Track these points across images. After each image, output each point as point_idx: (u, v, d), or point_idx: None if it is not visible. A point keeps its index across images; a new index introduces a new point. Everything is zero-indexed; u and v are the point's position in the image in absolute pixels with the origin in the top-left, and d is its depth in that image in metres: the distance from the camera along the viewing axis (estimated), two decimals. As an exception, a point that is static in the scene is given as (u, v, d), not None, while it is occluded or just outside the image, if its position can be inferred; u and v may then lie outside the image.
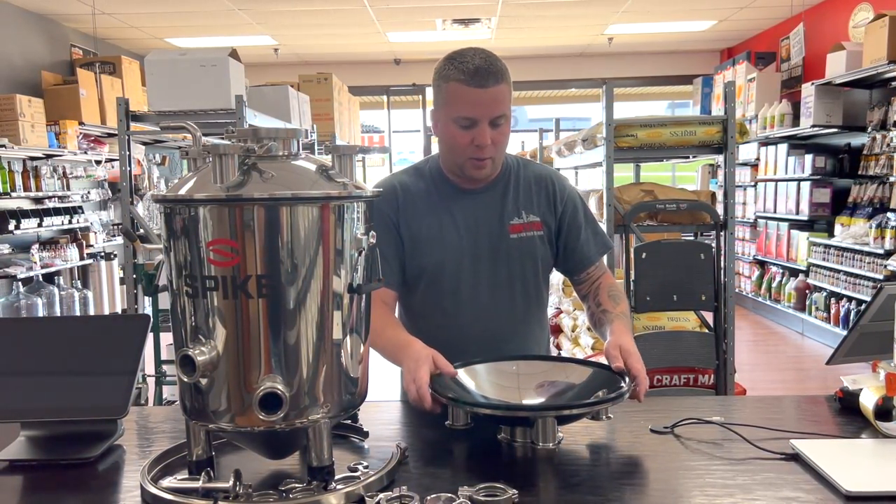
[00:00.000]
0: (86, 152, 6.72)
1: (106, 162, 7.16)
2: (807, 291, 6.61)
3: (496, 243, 1.70)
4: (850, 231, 5.89)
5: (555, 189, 1.75)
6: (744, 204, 8.08)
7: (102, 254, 7.02)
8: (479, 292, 1.70)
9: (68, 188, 6.67)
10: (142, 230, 3.80)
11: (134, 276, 3.63)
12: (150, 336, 3.42)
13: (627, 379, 1.42)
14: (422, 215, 1.70)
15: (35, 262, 6.00)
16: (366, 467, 1.25)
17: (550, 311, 4.59)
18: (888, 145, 5.56)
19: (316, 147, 5.51)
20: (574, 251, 1.76)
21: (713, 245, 3.27)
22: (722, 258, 3.27)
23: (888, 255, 5.31)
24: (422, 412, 1.41)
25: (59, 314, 5.97)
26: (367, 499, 1.14)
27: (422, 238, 1.69)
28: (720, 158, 3.43)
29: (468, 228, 1.70)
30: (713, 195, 3.44)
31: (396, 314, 1.81)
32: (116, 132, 3.82)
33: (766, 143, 7.52)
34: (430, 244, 1.69)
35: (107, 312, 6.85)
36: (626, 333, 1.59)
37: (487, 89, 1.55)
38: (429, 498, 1.13)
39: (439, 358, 1.46)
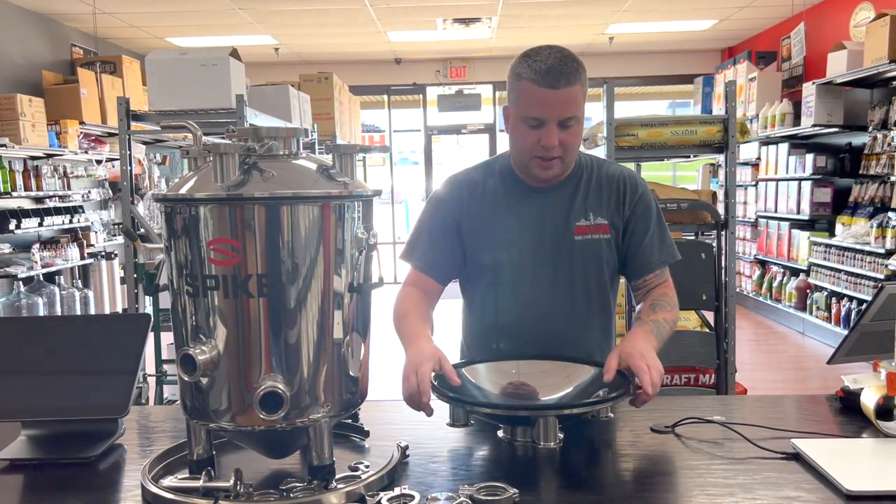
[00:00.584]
0: (86, 152, 6.72)
1: (106, 161, 7.16)
2: (808, 291, 6.60)
3: (559, 244, 1.66)
4: (851, 230, 5.88)
5: (626, 190, 1.69)
6: (744, 203, 8.07)
7: (103, 253, 7.02)
8: (538, 292, 1.66)
9: (69, 188, 6.67)
10: (142, 230, 3.80)
11: (135, 275, 3.63)
12: (151, 335, 3.43)
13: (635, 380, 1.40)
14: (487, 213, 1.68)
15: (36, 262, 6.00)
16: (366, 466, 1.25)
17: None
18: (889, 145, 5.56)
19: (316, 146, 5.51)
20: (634, 255, 1.69)
21: (714, 244, 3.26)
22: (723, 258, 3.26)
23: (889, 254, 5.30)
24: (418, 410, 1.39)
25: (59, 314, 5.96)
26: (367, 498, 1.14)
27: (484, 235, 1.67)
28: (721, 158, 3.43)
29: (533, 227, 1.66)
30: (714, 195, 3.44)
31: (461, 307, 1.79)
32: (117, 132, 3.82)
33: (766, 142, 7.51)
34: (493, 242, 1.67)
35: (107, 312, 6.85)
36: (639, 338, 1.52)
37: (558, 90, 1.52)
38: (429, 497, 1.13)
39: (446, 362, 1.43)
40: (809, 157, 6.61)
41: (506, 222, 1.67)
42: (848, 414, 1.52)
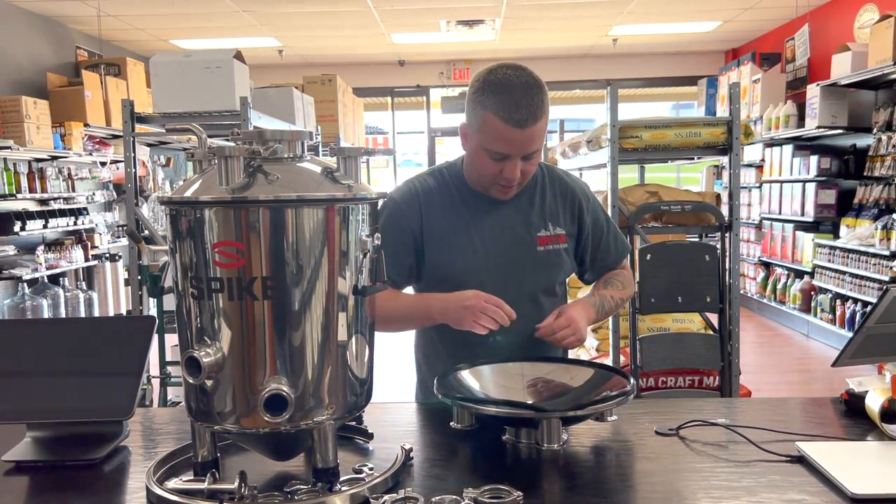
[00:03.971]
0: (91, 154, 6.74)
1: (111, 163, 7.18)
2: (812, 293, 6.59)
3: (523, 255, 1.69)
4: (856, 232, 5.87)
5: (581, 202, 1.76)
6: (749, 205, 8.06)
7: (107, 255, 7.04)
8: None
9: (73, 189, 6.69)
10: (146, 232, 3.81)
11: (139, 277, 3.64)
12: (156, 337, 3.42)
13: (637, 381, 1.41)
14: (447, 225, 1.68)
15: (40, 264, 6.01)
16: (371, 469, 1.25)
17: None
18: (894, 146, 5.54)
19: (320, 149, 5.51)
20: (594, 260, 1.80)
21: (718, 246, 3.26)
22: (727, 260, 3.26)
23: (894, 256, 5.29)
24: (433, 409, 1.40)
25: (64, 315, 5.98)
26: (371, 500, 1.14)
27: (446, 245, 1.67)
28: (725, 160, 3.42)
29: (494, 239, 1.68)
30: (718, 196, 3.43)
31: None
32: (121, 134, 3.83)
33: (771, 144, 7.50)
34: (456, 254, 1.67)
35: (112, 314, 6.87)
36: (579, 305, 1.65)
37: (525, 129, 1.51)
38: (433, 500, 1.13)
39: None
40: (814, 159, 6.60)
41: (468, 234, 1.67)
42: (853, 416, 1.51)
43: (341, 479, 1.19)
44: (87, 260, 6.68)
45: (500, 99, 1.50)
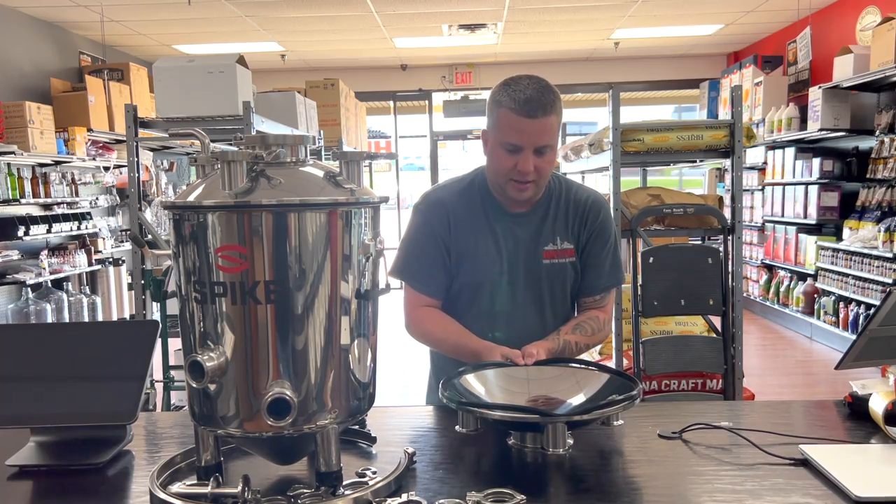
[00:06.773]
0: (94, 159, 6.75)
1: (114, 168, 7.19)
2: (815, 295, 6.58)
3: (530, 266, 1.78)
4: (859, 235, 5.86)
5: (589, 214, 1.81)
6: (751, 208, 8.05)
7: (111, 260, 7.05)
8: (512, 311, 1.78)
9: (77, 194, 6.70)
10: (150, 236, 3.82)
11: (142, 281, 3.64)
12: (159, 341, 3.42)
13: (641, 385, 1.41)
14: (468, 233, 1.77)
15: (44, 268, 6.02)
16: (374, 473, 1.25)
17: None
18: (896, 148, 5.54)
19: (323, 153, 5.52)
20: (584, 275, 1.83)
21: (721, 249, 3.25)
22: (729, 262, 3.25)
23: (897, 258, 5.28)
24: (436, 416, 1.40)
25: (67, 320, 5.99)
26: (375, 504, 1.14)
27: (467, 255, 1.77)
28: (727, 162, 3.42)
29: (508, 250, 1.77)
30: (720, 199, 3.43)
31: None
32: (125, 139, 3.84)
33: (773, 146, 7.50)
34: (473, 262, 1.77)
35: (115, 318, 6.87)
36: (541, 343, 1.67)
37: (535, 120, 1.62)
38: (437, 503, 1.13)
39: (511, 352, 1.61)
40: (816, 161, 6.59)
41: (486, 244, 1.77)
42: (856, 419, 1.51)
43: (344, 482, 1.19)
44: (90, 264, 6.69)
45: (513, 96, 1.63)
